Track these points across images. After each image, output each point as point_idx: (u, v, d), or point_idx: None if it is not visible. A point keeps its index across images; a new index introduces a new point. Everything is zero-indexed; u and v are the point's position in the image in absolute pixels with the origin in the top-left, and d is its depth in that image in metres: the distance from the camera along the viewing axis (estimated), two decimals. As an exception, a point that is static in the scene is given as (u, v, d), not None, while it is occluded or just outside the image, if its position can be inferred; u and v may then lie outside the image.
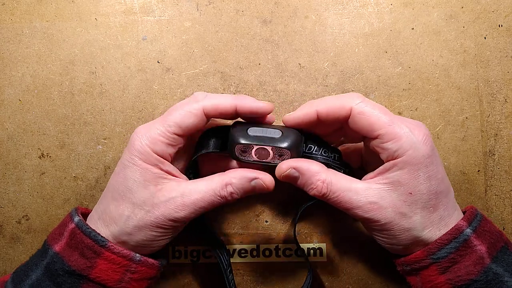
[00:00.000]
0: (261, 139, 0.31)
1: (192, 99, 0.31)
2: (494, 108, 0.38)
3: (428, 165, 0.29)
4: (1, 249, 0.39)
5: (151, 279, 0.31)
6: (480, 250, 0.28)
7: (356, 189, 0.30)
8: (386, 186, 0.30)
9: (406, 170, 0.29)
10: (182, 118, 0.30)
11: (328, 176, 0.30)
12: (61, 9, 0.39)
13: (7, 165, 0.39)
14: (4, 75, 0.39)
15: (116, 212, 0.30)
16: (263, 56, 0.38)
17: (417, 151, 0.28)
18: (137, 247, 0.31)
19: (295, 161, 0.31)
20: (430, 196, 0.29)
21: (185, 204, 0.30)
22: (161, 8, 0.39)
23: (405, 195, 0.29)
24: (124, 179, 0.30)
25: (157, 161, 0.30)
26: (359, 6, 0.38)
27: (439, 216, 0.30)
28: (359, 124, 0.30)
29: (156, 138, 0.30)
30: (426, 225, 0.30)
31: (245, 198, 0.38)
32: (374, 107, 0.29)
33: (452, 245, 0.29)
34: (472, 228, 0.29)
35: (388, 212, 0.29)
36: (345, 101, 0.30)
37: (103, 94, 0.39)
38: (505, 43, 0.38)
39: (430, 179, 0.29)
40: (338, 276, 0.38)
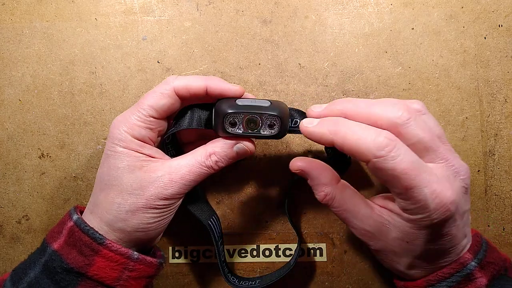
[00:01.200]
0: (251, 108, 0.30)
1: (164, 82, 0.31)
2: (494, 108, 0.38)
3: (434, 229, 0.27)
4: (1, 249, 0.39)
5: (149, 278, 0.31)
6: (480, 282, 0.28)
7: (356, 213, 0.30)
8: (387, 223, 0.29)
9: (409, 226, 0.27)
10: (155, 100, 0.30)
11: (333, 192, 0.30)
12: (61, 9, 0.39)
13: (7, 165, 0.39)
14: (4, 75, 0.39)
15: (106, 202, 0.30)
16: (263, 56, 0.38)
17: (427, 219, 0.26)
18: (134, 232, 0.30)
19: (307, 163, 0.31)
20: (427, 252, 0.28)
21: (173, 180, 0.30)
22: (161, 8, 0.39)
23: (401, 241, 0.28)
24: (108, 169, 0.30)
25: (138, 145, 0.31)
26: (359, 6, 0.38)
27: (432, 266, 0.29)
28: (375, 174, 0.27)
29: (133, 123, 0.30)
30: (414, 268, 0.29)
31: (245, 198, 0.38)
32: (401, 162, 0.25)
33: (454, 279, 0.28)
34: (477, 260, 0.28)
35: (380, 244, 0.30)
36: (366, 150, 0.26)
37: (103, 94, 0.39)
38: (505, 43, 0.38)
39: (434, 240, 0.27)
40: (338, 276, 0.38)
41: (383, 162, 0.25)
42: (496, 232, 0.37)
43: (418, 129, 0.27)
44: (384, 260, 0.31)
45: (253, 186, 0.38)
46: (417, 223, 0.27)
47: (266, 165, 0.38)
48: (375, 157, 0.25)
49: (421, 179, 0.25)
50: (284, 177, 0.38)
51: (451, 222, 0.27)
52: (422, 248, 0.28)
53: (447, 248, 0.28)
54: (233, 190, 0.38)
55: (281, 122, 0.30)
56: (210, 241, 0.38)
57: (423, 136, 0.27)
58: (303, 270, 0.38)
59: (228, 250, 0.38)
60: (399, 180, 0.25)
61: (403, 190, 0.26)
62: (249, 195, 0.38)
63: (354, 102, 0.29)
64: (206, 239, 0.38)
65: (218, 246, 0.35)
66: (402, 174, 0.25)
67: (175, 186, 0.30)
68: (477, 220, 0.37)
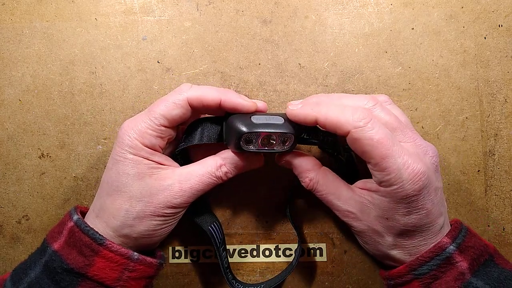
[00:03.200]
0: (268, 127, 0.30)
1: (177, 91, 0.31)
2: (494, 108, 0.38)
3: (410, 202, 0.28)
4: (1, 249, 0.39)
5: (149, 278, 0.31)
6: (462, 266, 0.29)
7: (339, 195, 0.32)
8: (367, 202, 0.31)
9: (387, 200, 0.29)
10: (167, 109, 0.30)
11: (316, 176, 0.32)
12: (61, 9, 0.39)
13: (7, 165, 0.39)
14: (4, 75, 0.39)
15: (113, 207, 0.30)
16: (263, 56, 0.38)
17: (401, 189, 0.28)
18: (140, 238, 0.31)
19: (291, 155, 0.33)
20: (406, 227, 0.30)
21: (183, 189, 0.31)
22: (161, 8, 0.39)
23: (382, 218, 0.30)
24: (117, 174, 0.30)
25: (148, 153, 0.31)
26: (359, 6, 0.38)
27: (413, 245, 0.30)
28: (353, 146, 0.29)
29: (144, 131, 0.30)
30: (396, 247, 0.31)
31: (245, 198, 0.38)
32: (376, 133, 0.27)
33: (434, 262, 0.29)
34: (455, 244, 0.29)
35: (363, 224, 0.32)
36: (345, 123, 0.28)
37: (103, 94, 0.39)
38: (505, 43, 0.38)
39: (410, 214, 0.29)
40: (338, 276, 0.38)
41: (361, 132, 0.27)
42: (496, 232, 0.37)
43: (384, 113, 0.30)
44: (368, 243, 0.33)
45: (253, 186, 0.38)
46: (393, 196, 0.28)
47: (266, 165, 0.38)
48: (354, 127, 0.28)
49: (394, 150, 0.28)
50: (284, 177, 0.38)
51: (425, 195, 0.28)
52: (401, 222, 0.29)
53: (424, 223, 0.29)
54: (233, 190, 0.38)
55: (294, 138, 0.31)
56: (210, 242, 0.38)
57: (389, 118, 0.30)
58: (303, 270, 0.38)
59: (228, 250, 0.38)
60: (376, 149, 0.27)
61: (379, 160, 0.28)
62: (249, 195, 0.38)
63: (327, 95, 0.32)
64: (206, 239, 0.38)
65: (220, 253, 0.35)
66: (378, 143, 0.27)
67: (184, 195, 0.31)
68: (477, 220, 0.37)
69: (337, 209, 0.32)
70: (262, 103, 0.33)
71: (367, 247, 0.33)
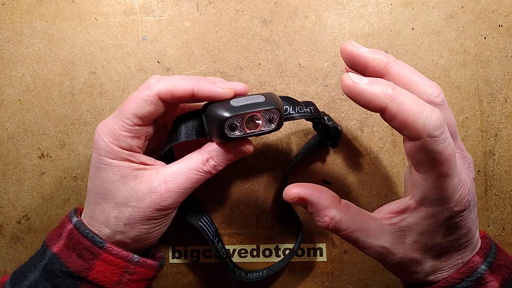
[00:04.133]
0: (250, 107, 0.28)
1: (146, 86, 0.29)
2: (494, 108, 0.38)
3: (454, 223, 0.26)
4: (1, 249, 0.39)
5: (149, 280, 0.31)
6: (492, 286, 0.26)
7: (368, 230, 0.27)
8: (401, 230, 0.27)
9: (427, 222, 0.26)
10: (138, 108, 0.28)
11: (338, 214, 0.28)
12: (61, 9, 0.39)
13: (7, 165, 0.39)
14: (4, 75, 0.39)
15: (103, 216, 0.30)
16: (263, 56, 0.38)
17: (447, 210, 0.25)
18: (134, 242, 0.30)
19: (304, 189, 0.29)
20: (446, 249, 0.27)
21: (170, 190, 0.29)
22: (161, 8, 0.39)
23: (419, 244, 0.27)
24: (101, 182, 0.29)
25: (127, 155, 0.29)
26: (359, 6, 0.38)
27: (451, 265, 0.27)
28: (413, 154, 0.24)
29: (117, 134, 0.29)
30: (435, 272, 0.28)
31: (245, 198, 0.38)
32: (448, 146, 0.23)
33: (464, 284, 0.26)
34: (487, 263, 0.27)
35: (398, 257, 0.27)
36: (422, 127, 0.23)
37: (103, 94, 0.39)
38: (505, 43, 0.38)
39: (451, 235, 0.26)
40: (338, 276, 0.38)
41: (435, 142, 0.23)
42: (496, 232, 0.37)
43: (448, 112, 0.26)
44: (403, 275, 0.29)
45: (253, 186, 0.38)
46: (436, 217, 0.25)
47: (266, 165, 0.38)
48: (429, 136, 0.23)
49: (456, 168, 0.24)
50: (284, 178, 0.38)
51: (467, 213, 0.26)
52: (442, 245, 0.26)
53: (463, 242, 0.27)
54: (233, 190, 0.38)
55: (280, 114, 0.29)
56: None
57: (453, 121, 0.26)
58: (303, 270, 0.38)
59: (228, 250, 0.38)
60: (441, 165, 0.23)
61: (438, 177, 0.24)
62: (249, 195, 0.38)
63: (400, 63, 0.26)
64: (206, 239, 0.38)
65: (215, 245, 0.34)
66: (446, 160, 0.23)
67: (172, 196, 0.29)
68: (477, 220, 0.37)
69: (367, 246, 0.27)
70: (242, 85, 0.30)
71: (401, 277, 0.30)
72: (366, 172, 0.38)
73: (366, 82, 0.24)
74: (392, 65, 0.26)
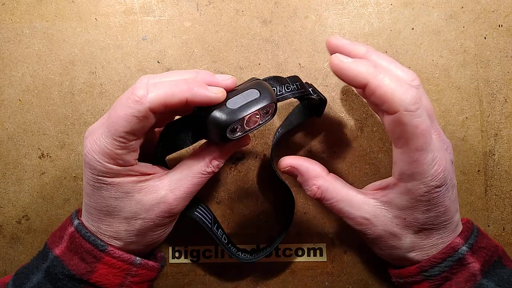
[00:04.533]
0: (247, 107, 0.28)
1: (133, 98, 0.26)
2: (494, 108, 0.38)
3: (430, 199, 0.27)
4: (1, 249, 0.39)
5: (151, 281, 0.31)
6: (474, 267, 0.28)
7: (351, 201, 0.30)
8: (382, 205, 0.29)
9: (406, 197, 0.28)
10: (130, 126, 0.26)
11: (325, 183, 0.30)
12: (61, 9, 0.39)
13: (7, 165, 0.39)
14: (4, 75, 0.39)
15: (111, 230, 0.30)
16: (263, 56, 0.38)
17: (423, 184, 0.27)
18: (146, 247, 0.31)
19: (295, 159, 0.31)
20: (425, 226, 0.29)
21: (178, 197, 0.29)
22: (161, 8, 0.39)
23: (399, 219, 0.29)
24: (103, 200, 0.29)
25: (126, 170, 0.28)
26: (359, 6, 0.38)
27: (431, 244, 0.29)
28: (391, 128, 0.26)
29: (112, 153, 0.27)
30: (414, 248, 0.30)
31: (245, 198, 0.38)
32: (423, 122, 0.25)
33: (446, 264, 0.28)
34: (468, 245, 0.28)
35: (379, 229, 0.30)
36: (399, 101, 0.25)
37: (103, 94, 0.39)
38: (505, 43, 0.38)
39: (429, 211, 0.28)
40: (338, 276, 0.38)
41: (410, 117, 0.25)
42: (496, 232, 0.37)
43: (425, 97, 0.28)
44: (383, 249, 0.31)
45: (253, 186, 0.38)
46: (413, 193, 0.27)
47: (266, 165, 0.38)
48: (406, 110, 0.25)
49: (430, 143, 0.26)
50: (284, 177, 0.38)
51: (444, 191, 0.27)
52: (419, 221, 0.28)
53: (442, 220, 0.28)
54: (233, 190, 0.38)
55: (275, 105, 0.29)
56: (210, 241, 0.38)
57: (428, 104, 0.28)
58: (303, 270, 0.38)
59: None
60: (416, 139, 0.25)
61: (413, 150, 0.26)
62: (249, 195, 0.38)
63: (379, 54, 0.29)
64: (206, 239, 0.38)
65: (214, 232, 0.34)
66: (421, 133, 0.25)
67: (181, 202, 0.30)
68: (477, 220, 0.37)
69: (350, 217, 0.30)
70: (230, 80, 0.29)
71: (382, 253, 0.32)
72: (366, 172, 0.38)
73: (351, 61, 0.27)
74: (371, 54, 0.29)
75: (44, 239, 0.32)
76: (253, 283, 0.38)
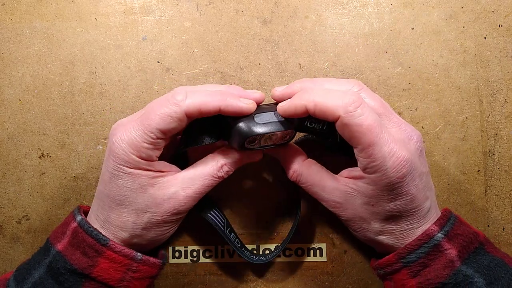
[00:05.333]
0: (270, 126, 0.31)
1: (172, 102, 0.29)
2: (494, 108, 0.38)
3: (394, 189, 0.29)
4: (1, 249, 0.39)
5: (152, 278, 0.32)
6: (450, 253, 0.29)
7: (323, 186, 0.32)
8: (352, 191, 0.31)
9: (372, 187, 0.29)
10: (164, 124, 0.29)
11: (300, 168, 0.33)
12: (61, 9, 0.39)
13: (7, 165, 0.39)
14: (4, 75, 0.39)
15: (119, 221, 0.30)
16: (263, 56, 0.38)
17: (384, 176, 0.28)
18: (149, 244, 0.32)
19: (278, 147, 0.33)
20: (391, 213, 0.30)
21: (188, 196, 0.31)
22: (161, 8, 0.39)
23: (367, 205, 0.30)
24: (118, 189, 0.30)
25: (146, 164, 0.30)
26: (359, 6, 0.38)
27: (400, 229, 0.31)
28: (341, 132, 0.29)
29: (139, 145, 0.29)
30: (383, 233, 0.31)
31: (245, 198, 0.38)
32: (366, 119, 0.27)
33: (422, 250, 0.29)
34: (443, 232, 0.29)
35: (349, 212, 0.32)
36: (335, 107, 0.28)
37: (103, 94, 0.39)
38: (505, 43, 0.38)
39: (395, 200, 0.29)
40: (338, 276, 0.38)
41: (351, 117, 0.27)
42: (496, 232, 0.37)
43: (370, 98, 0.30)
44: (356, 230, 0.33)
45: (253, 186, 0.38)
46: (377, 183, 0.29)
47: (266, 165, 0.38)
48: (345, 112, 0.27)
49: (382, 137, 0.28)
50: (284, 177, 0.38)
51: (409, 181, 0.29)
52: (386, 208, 0.30)
53: (409, 208, 0.30)
54: (233, 190, 0.38)
55: (294, 132, 0.31)
56: (210, 241, 0.38)
57: (375, 103, 0.30)
58: (303, 270, 0.38)
59: (228, 250, 0.38)
60: (364, 135, 0.27)
61: (366, 146, 0.28)
62: (249, 195, 0.38)
63: (311, 80, 0.32)
64: (206, 239, 0.38)
65: (227, 235, 0.35)
66: (367, 130, 0.27)
67: (190, 201, 0.31)
68: (477, 220, 0.37)
69: (323, 199, 0.32)
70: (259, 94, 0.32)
71: (356, 234, 0.34)
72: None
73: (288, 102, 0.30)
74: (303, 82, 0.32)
75: (44, 239, 0.32)
76: (253, 283, 0.38)
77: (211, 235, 0.38)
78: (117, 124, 0.31)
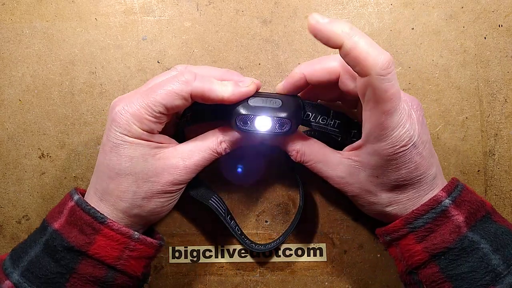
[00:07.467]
0: (262, 110, 0.31)
1: (181, 79, 0.30)
2: (494, 108, 0.38)
3: (398, 158, 0.29)
4: (1, 249, 0.39)
5: (149, 258, 0.32)
6: (457, 219, 0.29)
7: (327, 162, 0.32)
8: (356, 164, 0.31)
9: (375, 158, 0.29)
10: (169, 99, 0.29)
11: (302, 147, 0.33)
12: (61, 9, 0.39)
13: (7, 165, 0.39)
14: (4, 75, 0.39)
15: (119, 190, 0.30)
16: (263, 56, 0.38)
17: (388, 145, 0.28)
18: (149, 216, 0.32)
19: None
20: (397, 182, 0.30)
21: (187, 167, 0.31)
22: (161, 8, 0.39)
23: (372, 177, 0.30)
24: (118, 158, 0.30)
25: (147, 136, 0.30)
26: (359, 6, 0.38)
27: (407, 198, 0.31)
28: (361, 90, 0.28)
29: (142, 117, 0.29)
30: (391, 203, 0.31)
31: (245, 198, 0.38)
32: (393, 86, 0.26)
33: (429, 215, 0.29)
34: (451, 198, 0.29)
35: (355, 187, 0.32)
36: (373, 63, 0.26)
37: (103, 94, 0.39)
38: (505, 43, 0.38)
39: (400, 169, 0.29)
40: (338, 276, 0.38)
41: (381, 80, 0.26)
42: (496, 232, 0.37)
43: None
44: (364, 205, 0.33)
45: (253, 186, 0.38)
46: (381, 153, 0.29)
47: (266, 165, 0.38)
48: (377, 73, 0.26)
49: (399, 108, 0.27)
50: (284, 177, 0.38)
51: (411, 149, 0.29)
52: (391, 178, 0.30)
53: (414, 176, 0.29)
54: (233, 190, 0.38)
55: (291, 123, 0.31)
56: (210, 241, 0.38)
57: None
58: (303, 270, 0.38)
59: (228, 250, 0.38)
60: (385, 103, 0.27)
61: (381, 114, 0.27)
62: (249, 195, 0.38)
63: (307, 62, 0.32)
64: (206, 239, 0.38)
65: (228, 222, 0.35)
66: (390, 98, 0.26)
67: (188, 172, 0.31)
68: (477, 220, 0.37)
69: (327, 176, 0.32)
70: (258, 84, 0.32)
71: (364, 209, 0.33)
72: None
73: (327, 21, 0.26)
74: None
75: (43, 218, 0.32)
76: (253, 283, 0.38)
77: (211, 233, 0.38)
78: (118, 99, 0.31)
